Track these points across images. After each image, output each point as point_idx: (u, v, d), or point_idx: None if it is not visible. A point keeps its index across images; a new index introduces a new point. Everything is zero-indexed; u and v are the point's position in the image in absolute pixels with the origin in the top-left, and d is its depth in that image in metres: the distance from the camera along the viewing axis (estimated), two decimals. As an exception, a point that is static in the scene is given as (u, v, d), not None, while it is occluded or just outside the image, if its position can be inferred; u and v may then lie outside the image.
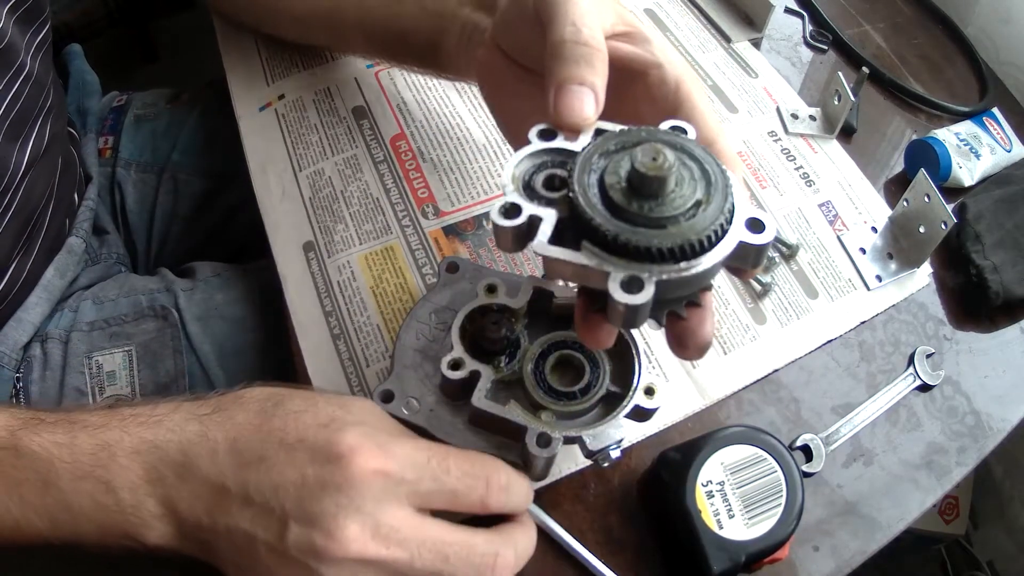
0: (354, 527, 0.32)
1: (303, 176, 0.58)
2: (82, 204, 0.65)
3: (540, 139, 0.34)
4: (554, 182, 0.33)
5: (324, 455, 0.33)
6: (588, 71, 0.35)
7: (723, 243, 0.30)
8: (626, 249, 0.29)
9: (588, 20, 0.36)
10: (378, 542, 0.32)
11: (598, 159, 0.32)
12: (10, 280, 0.56)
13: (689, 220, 0.30)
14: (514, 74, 0.43)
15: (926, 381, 0.53)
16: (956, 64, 0.76)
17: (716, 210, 0.30)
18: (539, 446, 0.39)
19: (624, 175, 0.31)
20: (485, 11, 0.47)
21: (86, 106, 0.73)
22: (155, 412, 0.36)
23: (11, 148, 0.53)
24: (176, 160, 0.73)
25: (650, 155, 0.30)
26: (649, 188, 0.30)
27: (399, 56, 0.57)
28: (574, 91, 0.34)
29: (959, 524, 1.06)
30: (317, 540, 0.31)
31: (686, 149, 0.32)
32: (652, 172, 0.29)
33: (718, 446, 0.44)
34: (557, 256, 0.30)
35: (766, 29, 0.71)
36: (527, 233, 0.32)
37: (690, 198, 0.30)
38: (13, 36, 0.52)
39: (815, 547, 0.46)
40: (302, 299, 0.52)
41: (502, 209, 0.32)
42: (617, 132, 0.33)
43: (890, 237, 0.58)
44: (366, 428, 0.35)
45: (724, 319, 0.53)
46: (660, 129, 0.34)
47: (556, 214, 0.31)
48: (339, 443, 0.33)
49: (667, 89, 0.38)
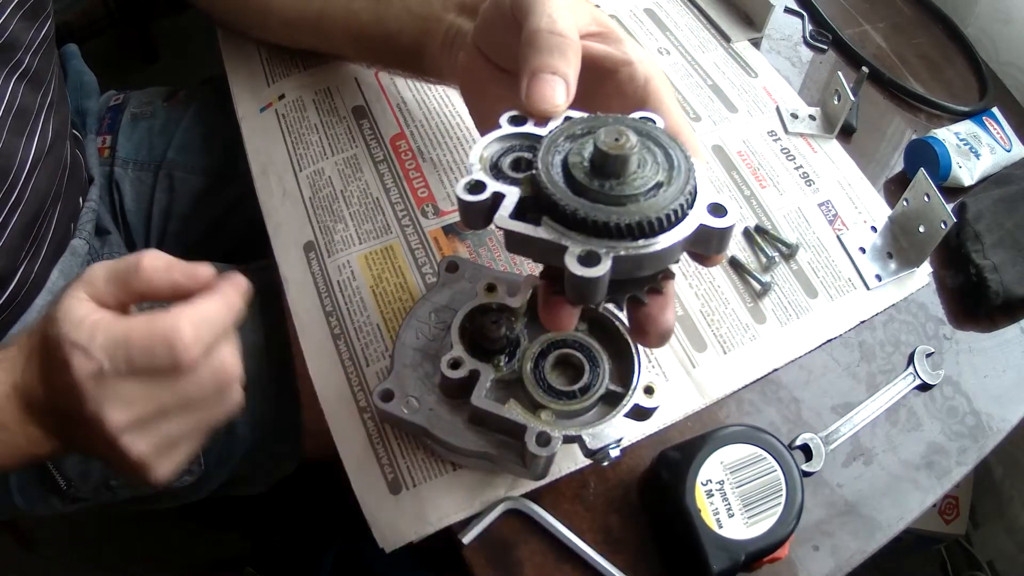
0: (108, 410, 0.38)
1: (303, 176, 0.58)
2: (85, 205, 0.66)
3: (510, 124, 0.35)
4: (520, 164, 0.34)
5: (61, 370, 0.38)
6: (561, 61, 0.36)
7: (683, 224, 0.30)
8: (584, 224, 0.30)
9: (563, 14, 0.37)
10: (125, 407, 0.38)
11: (564, 141, 0.33)
12: (18, 283, 0.56)
13: (649, 199, 0.31)
14: (493, 77, 0.44)
15: (926, 381, 0.53)
16: (956, 64, 0.76)
17: (676, 192, 0.31)
18: (539, 445, 0.39)
19: (588, 155, 0.31)
20: (467, 15, 0.48)
21: (84, 107, 0.73)
22: (8, 356, 0.41)
23: (16, 143, 0.53)
24: (172, 158, 0.74)
25: (613, 135, 0.31)
26: (611, 167, 0.31)
27: (384, 59, 0.58)
28: (546, 79, 0.35)
29: (959, 524, 1.06)
30: (98, 431, 0.38)
31: (652, 135, 0.33)
32: (614, 151, 0.30)
33: (718, 445, 0.44)
34: (517, 230, 0.31)
35: (766, 29, 0.71)
36: (491, 209, 0.32)
37: (651, 179, 0.31)
38: (16, 32, 0.52)
39: (815, 546, 0.46)
40: (303, 299, 0.52)
41: (467, 185, 0.33)
42: (585, 117, 0.34)
43: (890, 237, 0.58)
44: (70, 333, 0.38)
45: (724, 318, 0.53)
46: (629, 116, 0.34)
47: (519, 192, 0.32)
48: (62, 355, 0.38)
49: (636, 85, 0.39)
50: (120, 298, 0.41)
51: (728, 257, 0.56)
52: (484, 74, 0.44)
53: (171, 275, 0.41)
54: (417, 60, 0.52)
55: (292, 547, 1.10)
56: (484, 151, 0.34)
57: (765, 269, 0.56)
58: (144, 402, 0.39)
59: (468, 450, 0.42)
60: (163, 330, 0.38)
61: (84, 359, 0.38)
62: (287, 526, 1.11)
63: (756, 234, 0.57)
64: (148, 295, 0.41)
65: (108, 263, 0.41)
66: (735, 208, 0.31)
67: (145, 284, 0.41)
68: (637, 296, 0.34)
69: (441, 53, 0.49)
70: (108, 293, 0.41)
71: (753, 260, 0.56)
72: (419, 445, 0.46)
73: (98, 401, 0.38)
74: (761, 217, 0.58)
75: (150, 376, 0.39)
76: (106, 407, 0.38)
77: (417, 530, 0.44)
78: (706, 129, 0.63)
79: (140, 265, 0.40)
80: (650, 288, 0.34)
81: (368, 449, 0.46)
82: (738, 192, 0.60)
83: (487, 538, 0.45)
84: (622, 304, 0.34)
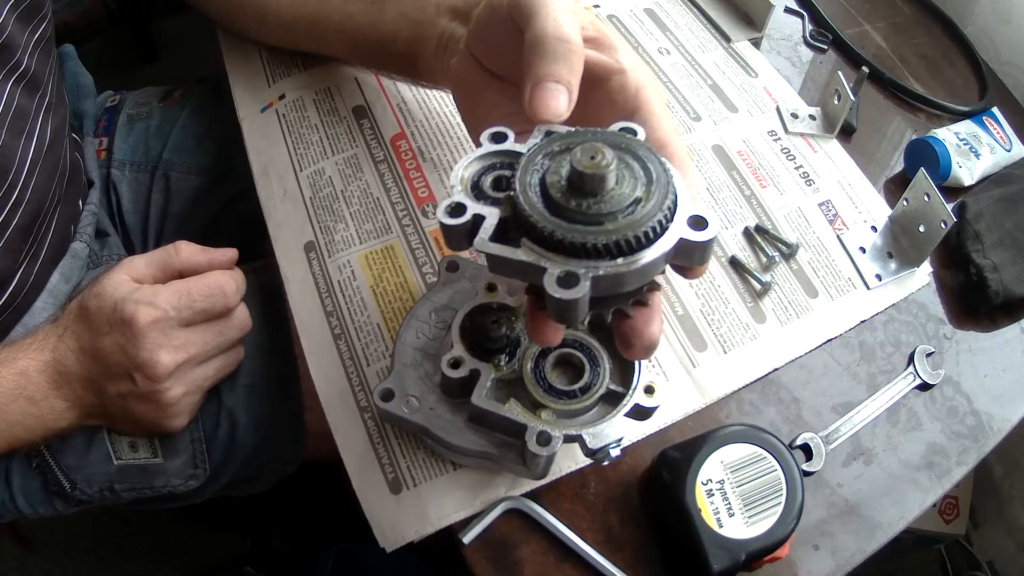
0: (163, 354, 0.49)
1: (304, 176, 0.58)
2: (85, 208, 0.66)
3: (491, 142, 0.35)
4: (501, 183, 0.34)
5: (120, 327, 0.48)
6: (566, 69, 0.36)
7: (662, 240, 0.30)
8: (562, 245, 0.30)
9: (568, 18, 0.37)
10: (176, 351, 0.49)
11: (542, 160, 0.33)
12: (17, 285, 0.56)
13: (627, 217, 0.30)
14: (486, 83, 0.44)
15: (926, 380, 0.53)
16: (956, 64, 0.76)
17: (655, 207, 0.30)
18: (539, 444, 0.39)
19: (565, 174, 0.31)
20: (461, 20, 0.48)
21: (81, 108, 0.73)
22: (38, 339, 0.50)
23: (15, 144, 0.53)
24: (168, 159, 0.74)
25: (589, 154, 0.30)
26: (588, 186, 0.30)
27: (379, 63, 0.58)
28: (550, 88, 0.35)
29: (959, 524, 1.06)
30: (151, 374, 0.49)
31: (630, 149, 0.32)
32: (590, 170, 0.30)
33: (718, 445, 0.44)
34: (495, 252, 0.31)
35: (766, 29, 0.71)
36: (472, 231, 0.32)
37: (629, 196, 0.30)
38: (13, 32, 0.52)
39: (815, 546, 0.46)
40: (303, 299, 0.52)
41: (447, 208, 0.32)
42: (564, 134, 0.34)
43: (890, 236, 0.58)
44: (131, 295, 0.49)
45: (724, 318, 0.53)
46: (608, 131, 0.34)
47: (499, 213, 0.32)
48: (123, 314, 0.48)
49: (627, 94, 0.39)
50: (157, 277, 0.52)
51: (728, 257, 0.56)
52: (477, 80, 0.44)
53: (206, 254, 0.54)
54: (411, 65, 0.52)
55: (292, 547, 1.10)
56: (464, 171, 0.34)
57: (765, 269, 0.56)
58: (192, 347, 0.50)
59: (468, 450, 0.42)
60: (216, 282, 0.51)
61: (151, 310, 0.48)
62: (287, 526, 1.11)
63: (756, 234, 0.57)
64: (185, 272, 0.53)
65: (144, 255, 0.53)
66: (716, 220, 0.31)
67: (184, 262, 0.53)
68: (622, 309, 0.34)
69: (434, 58, 0.49)
70: (147, 275, 0.52)
71: (753, 260, 0.56)
72: (420, 445, 0.46)
73: (157, 344, 0.48)
74: (761, 217, 0.58)
75: (205, 320, 0.51)
76: (161, 351, 0.48)
77: (417, 530, 0.44)
78: (706, 129, 0.63)
79: (178, 247, 0.53)
80: (635, 300, 0.34)
81: (369, 449, 0.46)
82: (738, 192, 0.60)
83: (487, 538, 0.45)
84: (607, 317, 0.34)
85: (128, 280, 0.50)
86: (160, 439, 0.56)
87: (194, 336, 0.51)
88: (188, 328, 0.50)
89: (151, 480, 0.57)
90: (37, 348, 0.49)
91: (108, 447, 0.56)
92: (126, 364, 0.48)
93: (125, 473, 0.56)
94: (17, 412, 0.48)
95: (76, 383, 0.49)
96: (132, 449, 0.56)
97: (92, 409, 0.51)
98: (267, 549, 1.14)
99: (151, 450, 0.56)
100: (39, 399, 0.49)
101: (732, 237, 0.57)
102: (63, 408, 0.50)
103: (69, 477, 0.56)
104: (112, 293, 0.49)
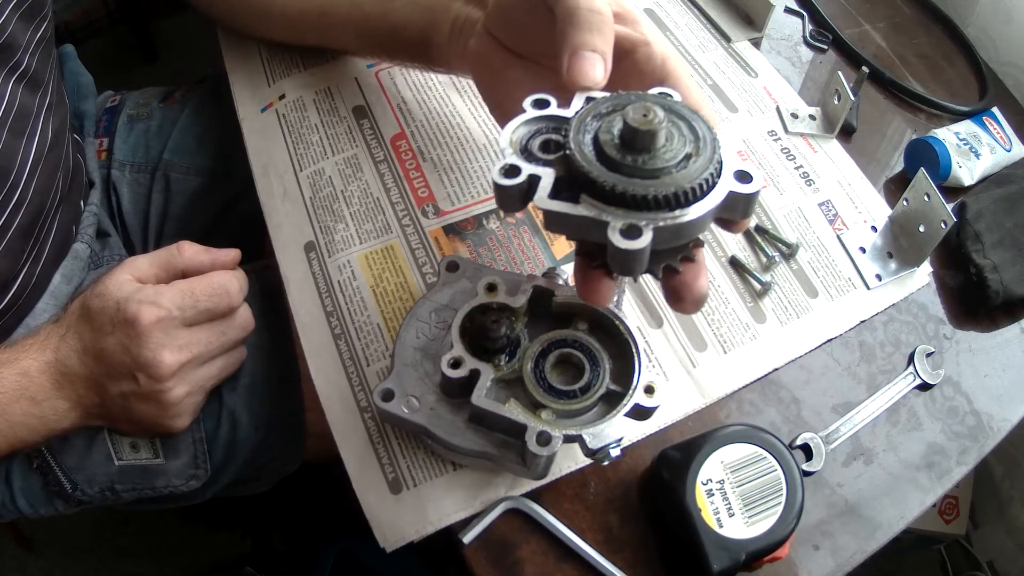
0: (166, 354, 0.48)
1: (304, 176, 0.58)
2: (86, 209, 0.66)
3: (534, 107, 0.36)
4: (550, 145, 0.35)
5: (123, 327, 0.48)
6: (600, 39, 0.37)
7: (714, 192, 0.32)
8: (623, 198, 0.31)
9: None
10: (179, 351, 0.49)
11: (591, 120, 0.34)
12: (19, 286, 0.56)
13: (680, 171, 0.32)
14: (507, 62, 0.45)
15: (926, 380, 0.53)
16: (956, 64, 0.76)
17: (705, 161, 0.32)
18: (539, 444, 0.39)
19: (617, 132, 0.32)
20: (475, 4, 0.48)
21: (82, 109, 0.73)
22: (40, 339, 0.49)
23: (16, 144, 0.53)
24: (167, 159, 0.74)
25: (641, 112, 0.32)
26: (641, 142, 0.32)
27: (390, 51, 0.58)
28: (586, 56, 0.37)
29: (959, 524, 1.06)
30: (154, 373, 0.48)
31: (674, 109, 0.34)
32: (644, 127, 0.31)
33: (718, 445, 0.44)
34: (558, 209, 0.32)
35: (766, 29, 0.71)
36: (527, 192, 0.33)
37: (680, 151, 0.32)
38: (14, 32, 0.52)
39: (815, 546, 0.46)
40: (304, 299, 0.52)
41: (503, 169, 0.33)
42: (609, 96, 0.35)
43: (890, 236, 0.58)
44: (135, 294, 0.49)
45: (724, 318, 0.53)
46: (649, 93, 0.35)
47: (553, 172, 0.33)
48: (127, 313, 0.48)
49: (654, 64, 0.40)
50: (160, 277, 0.52)
51: (728, 257, 0.56)
52: (498, 60, 0.45)
53: (209, 254, 0.54)
54: (424, 51, 0.52)
55: (292, 547, 1.10)
56: (513, 135, 0.35)
57: (765, 269, 0.56)
58: (195, 346, 0.50)
59: (468, 449, 0.42)
60: (220, 282, 0.51)
61: (154, 309, 0.48)
62: (287, 526, 1.11)
63: (756, 234, 0.57)
64: (188, 271, 0.52)
65: (147, 255, 0.53)
66: (759, 174, 0.32)
67: (187, 261, 0.53)
68: (671, 265, 0.35)
69: (449, 43, 0.50)
70: (150, 274, 0.52)
71: (753, 260, 0.56)
72: (420, 445, 0.46)
73: (160, 344, 0.48)
74: (761, 217, 0.58)
75: (208, 320, 0.51)
76: (164, 351, 0.48)
77: (417, 529, 0.44)
78: (706, 129, 0.63)
79: (181, 247, 0.53)
80: (683, 257, 0.35)
81: (369, 448, 0.46)
82: (738, 192, 0.60)
83: (487, 537, 0.45)
84: (658, 274, 0.35)
85: (131, 280, 0.50)
86: (161, 439, 0.56)
87: (197, 336, 0.51)
88: (191, 328, 0.50)
89: (152, 480, 0.57)
90: (39, 348, 0.49)
91: (109, 447, 0.56)
92: (129, 364, 0.48)
93: (126, 473, 0.56)
94: (19, 413, 0.48)
95: (78, 383, 0.49)
96: (133, 449, 0.56)
97: (94, 409, 0.51)
98: (267, 549, 1.14)
99: (152, 450, 0.56)
100: (41, 399, 0.48)
101: (732, 237, 0.57)
102: (65, 408, 0.50)
103: (70, 478, 0.56)
104: (115, 293, 0.49)
